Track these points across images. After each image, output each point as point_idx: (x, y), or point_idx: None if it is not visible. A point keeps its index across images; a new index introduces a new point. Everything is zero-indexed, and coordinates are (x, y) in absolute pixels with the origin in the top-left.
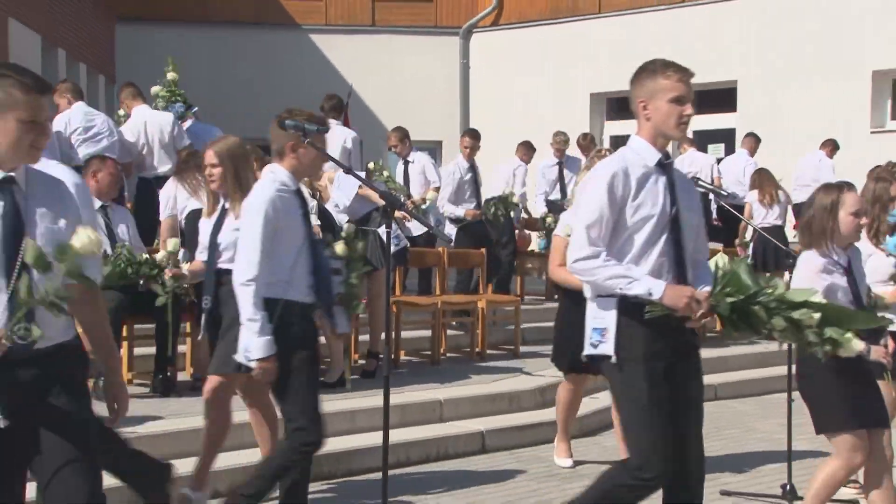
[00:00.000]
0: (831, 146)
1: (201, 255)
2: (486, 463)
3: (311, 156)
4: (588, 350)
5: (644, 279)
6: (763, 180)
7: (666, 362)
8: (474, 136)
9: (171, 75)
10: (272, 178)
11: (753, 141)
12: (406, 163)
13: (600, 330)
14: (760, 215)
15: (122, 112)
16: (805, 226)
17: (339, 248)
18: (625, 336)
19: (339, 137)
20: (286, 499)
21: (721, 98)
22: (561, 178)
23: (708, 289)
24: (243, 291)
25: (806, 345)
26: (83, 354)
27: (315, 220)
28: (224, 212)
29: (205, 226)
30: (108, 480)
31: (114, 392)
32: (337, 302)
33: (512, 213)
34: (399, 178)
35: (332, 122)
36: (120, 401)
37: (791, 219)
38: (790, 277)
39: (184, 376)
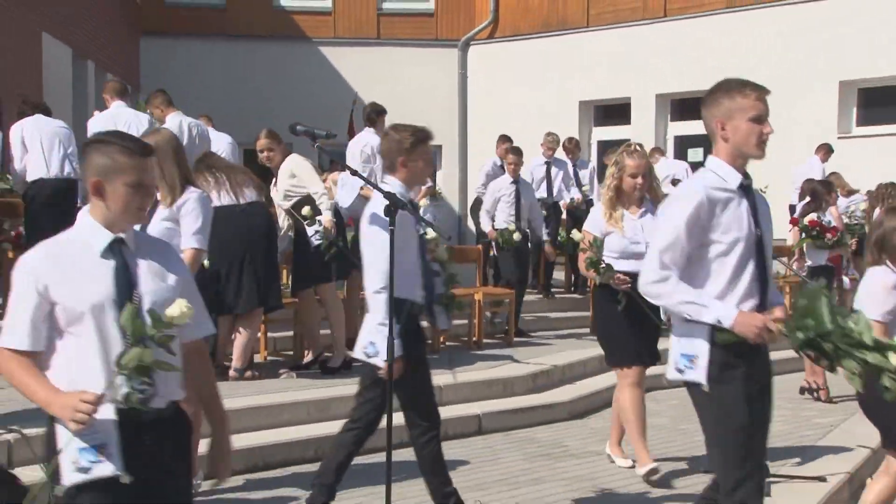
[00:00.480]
0: (825, 150)
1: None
2: (482, 444)
3: (419, 167)
4: (673, 374)
5: (714, 307)
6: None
7: (758, 385)
8: (517, 153)
9: None
10: (389, 190)
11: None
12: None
13: (689, 356)
14: None
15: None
16: (876, 243)
17: (440, 254)
18: (716, 363)
19: (359, 143)
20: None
21: (698, 107)
22: (548, 176)
23: (779, 314)
24: (377, 299)
25: (883, 389)
26: (187, 417)
27: (330, 217)
28: (155, 204)
29: None
30: None
31: (221, 451)
32: (438, 301)
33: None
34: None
35: (367, 130)
36: (226, 462)
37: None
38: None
39: None
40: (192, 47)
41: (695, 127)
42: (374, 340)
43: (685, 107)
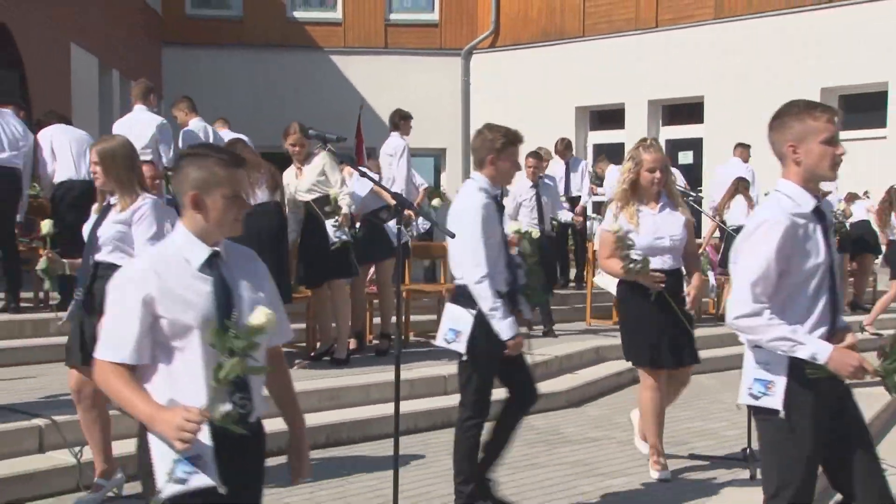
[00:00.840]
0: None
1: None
2: (483, 431)
3: (507, 167)
4: (747, 399)
5: (810, 343)
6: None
7: (831, 412)
8: (537, 157)
9: None
10: (476, 185)
11: (745, 150)
12: None
13: (765, 382)
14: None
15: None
16: None
17: (525, 246)
18: (794, 393)
19: (388, 147)
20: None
21: (690, 111)
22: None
23: (850, 340)
24: (480, 288)
25: None
26: (263, 426)
27: (348, 210)
28: (108, 208)
29: (90, 220)
30: None
31: (301, 452)
32: (521, 291)
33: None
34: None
35: (392, 134)
36: (307, 461)
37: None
38: None
39: None
40: (212, 56)
41: (685, 131)
42: (453, 328)
43: (676, 112)
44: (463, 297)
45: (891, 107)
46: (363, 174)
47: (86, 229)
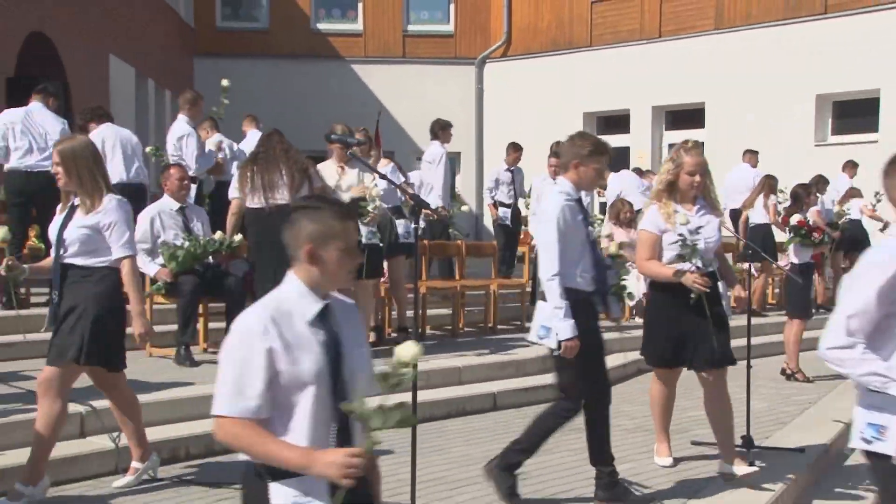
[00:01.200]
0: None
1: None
2: (497, 419)
3: (591, 173)
4: (858, 444)
5: None
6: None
7: None
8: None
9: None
10: (559, 189)
11: (753, 156)
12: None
13: (877, 426)
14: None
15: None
16: None
17: (613, 248)
18: None
19: (428, 154)
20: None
21: (692, 116)
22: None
23: None
24: (550, 285)
25: None
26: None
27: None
28: (73, 209)
29: (55, 222)
30: None
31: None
32: (610, 291)
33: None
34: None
35: (433, 142)
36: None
37: None
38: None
39: None
40: (240, 66)
41: (687, 135)
42: (545, 325)
43: (678, 117)
44: None
45: (882, 113)
46: (382, 176)
47: (52, 230)
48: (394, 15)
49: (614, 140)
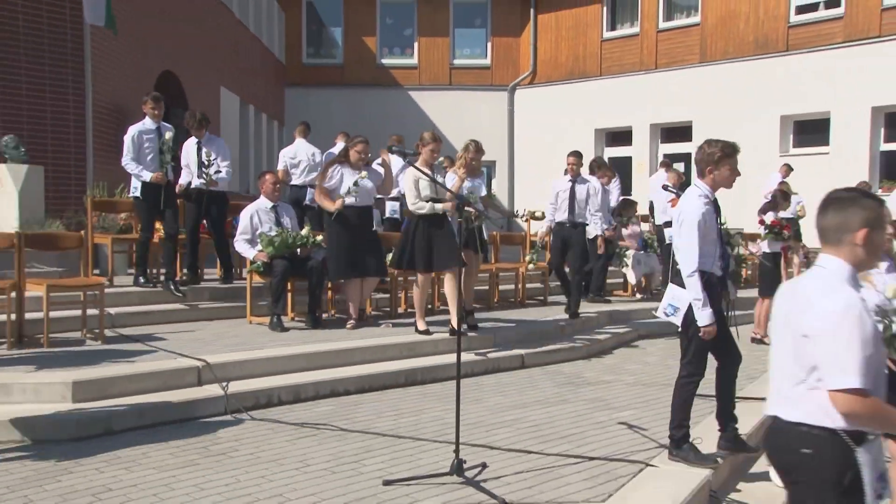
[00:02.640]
0: (786, 168)
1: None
2: (524, 375)
3: (725, 174)
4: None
5: None
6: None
7: None
8: (578, 155)
9: None
10: (696, 192)
11: (787, 168)
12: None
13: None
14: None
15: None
16: None
17: (736, 239)
18: None
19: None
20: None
21: (682, 132)
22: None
23: None
24: (691, 280)
25: None
26: None
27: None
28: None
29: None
30: None
31: None
32: (730, 277)
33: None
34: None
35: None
36: None
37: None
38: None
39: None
40: (320, 93)
41: (677, 148)
42: (673, 304)
43: (670, 133)
44: (682, 280)
45: (832, 130)
46: (432, 180)
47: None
48: (442, 52)
49: (619, 151)
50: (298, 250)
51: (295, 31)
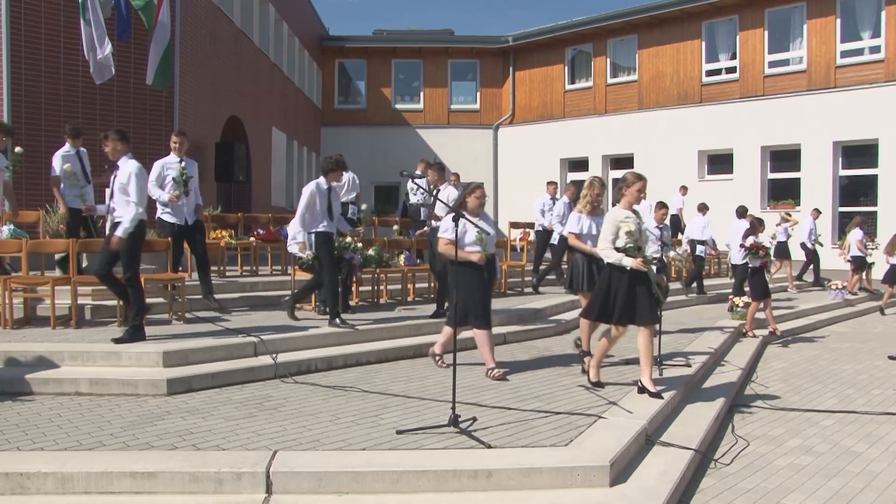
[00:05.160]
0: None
1: None
2: (507, 349)
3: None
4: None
5: None
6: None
7: None
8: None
9: None
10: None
11: (684, 189)
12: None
13: None
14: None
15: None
16: None
17: None
18: None
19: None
20: None
21: (626, 161)
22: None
23: None
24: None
25: None
26: None
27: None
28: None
29: None
30: None
31: None
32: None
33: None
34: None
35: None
36: None
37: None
38: None
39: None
40: (348, 131)
41: (622, 173)
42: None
43: (618, 162)
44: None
45: (735, 162)
46: (437, 199)
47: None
48: (442, 99)
49: (578, 175)
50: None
51: (329, 84)
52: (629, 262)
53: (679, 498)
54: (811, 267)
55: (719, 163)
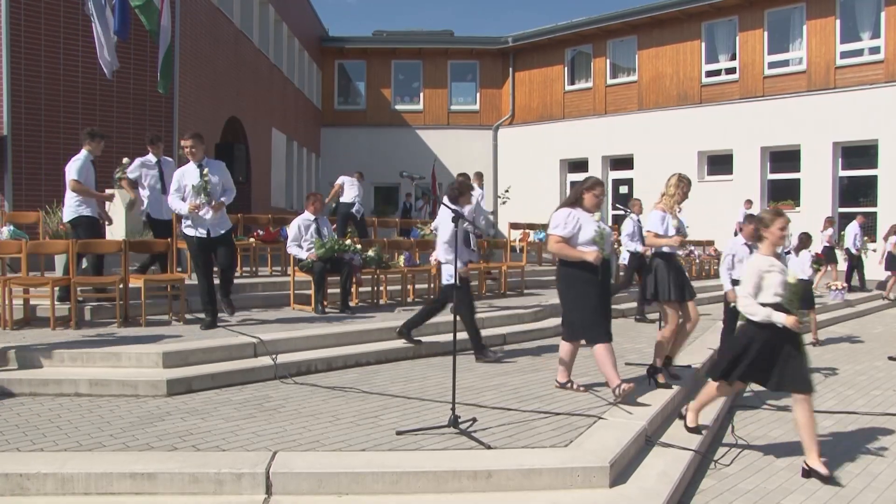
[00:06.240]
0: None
1: None
2: (506, 349)
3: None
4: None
5: None
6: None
7: None
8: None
9: None
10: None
11: (748, 202)
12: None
13: None
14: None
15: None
16: None
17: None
18: None
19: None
20: None
21: (627, 162)
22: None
23: None
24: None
25: None
26: None
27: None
28: None
29: None
30: None
31: None
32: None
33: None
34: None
35: (477, 187)
36: None
37: None
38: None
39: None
40: (348, 132)
41: (623, 174)
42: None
43: (617, 163)
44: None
45: (735, 163)
46: (447, 206)
47: None
48: (442, 100)
49: (577, 176)
50: (336, 255)
51: (329, 84)
52: (781, 320)
53: (679, 499)
54: (854, 272)
55: (719, 163)
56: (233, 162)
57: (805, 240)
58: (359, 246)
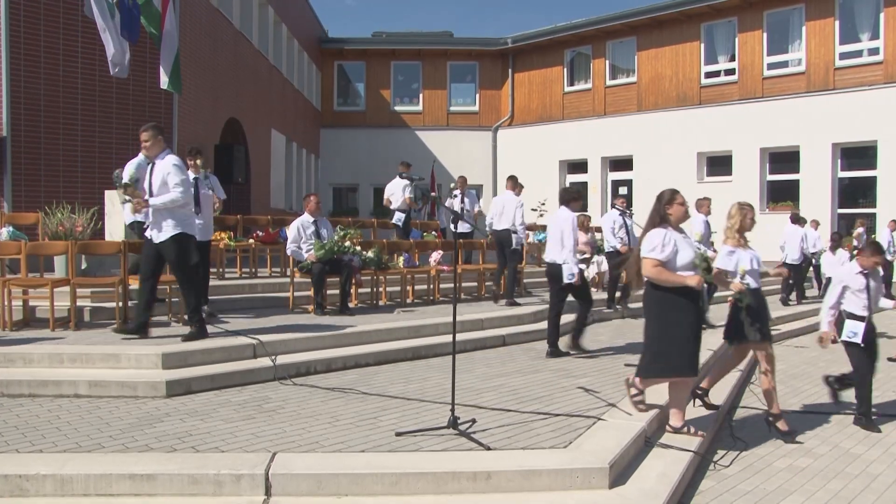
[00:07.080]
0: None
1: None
2: (505, 351)
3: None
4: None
5: None
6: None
7: None
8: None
9: None
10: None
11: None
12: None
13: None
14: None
15: None
16: None
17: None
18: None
19: (507, 200)
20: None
21: (625, 164)
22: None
23: None
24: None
25: None
26: None
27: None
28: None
29: None
30: None
31: None
32: None
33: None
34: (457, 205)
35: (509, 190)
36: None
37: None
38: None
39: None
40: (348, 133)
41: (622, 175)
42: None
43: (617, 164)
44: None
45: (734, 164)
46: (448, 209)
47: None
48: (441, 101)
49: (578, 178)
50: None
51: (328, 86)
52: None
53: (678, 500)
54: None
55: (718, 164)
56: (232, 163)
57: (838, 238)
58: (358, 246)
